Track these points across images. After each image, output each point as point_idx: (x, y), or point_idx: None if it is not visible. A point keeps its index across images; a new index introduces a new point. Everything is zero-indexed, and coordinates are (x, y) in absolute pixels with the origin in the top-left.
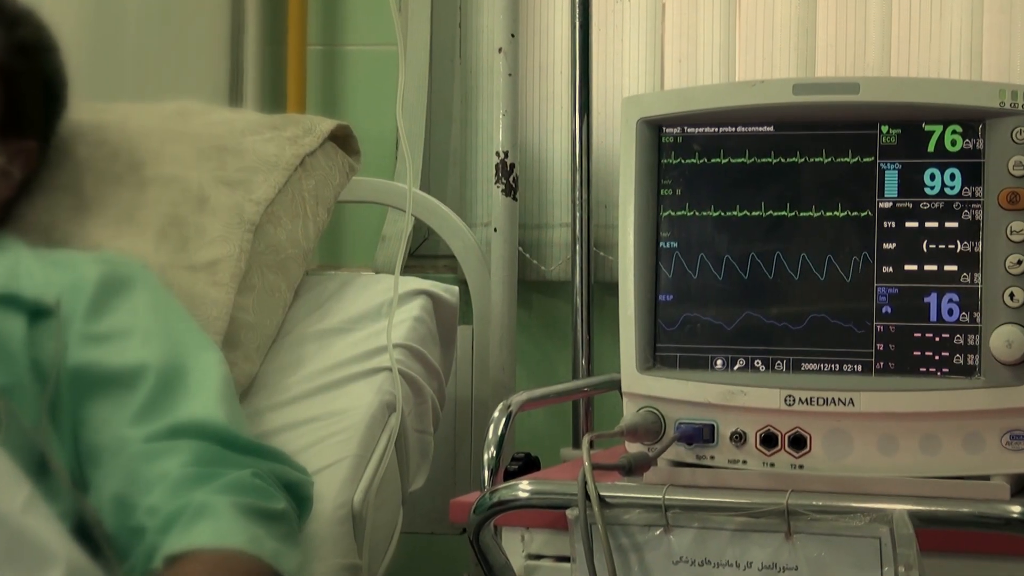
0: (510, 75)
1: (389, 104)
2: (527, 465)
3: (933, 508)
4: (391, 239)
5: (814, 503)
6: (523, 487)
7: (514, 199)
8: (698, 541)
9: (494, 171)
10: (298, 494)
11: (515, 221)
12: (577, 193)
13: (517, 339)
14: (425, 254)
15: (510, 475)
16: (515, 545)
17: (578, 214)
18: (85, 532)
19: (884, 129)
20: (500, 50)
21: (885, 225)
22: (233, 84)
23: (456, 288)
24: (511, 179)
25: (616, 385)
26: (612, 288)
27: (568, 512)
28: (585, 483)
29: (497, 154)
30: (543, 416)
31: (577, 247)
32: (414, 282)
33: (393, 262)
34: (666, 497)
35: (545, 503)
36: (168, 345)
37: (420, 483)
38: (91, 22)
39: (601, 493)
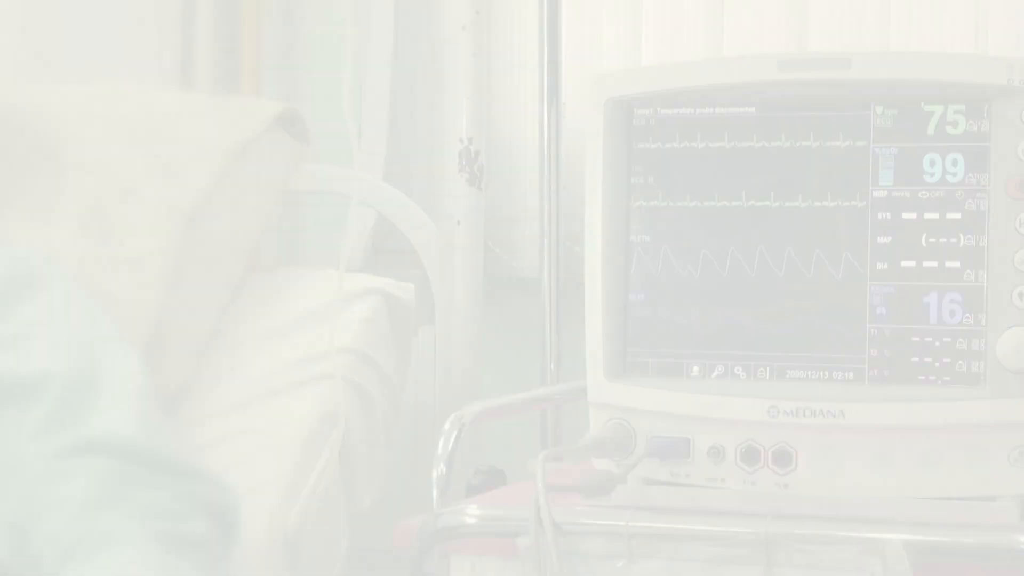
0: (474, 55)
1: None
2: (491, 479)
3: (932, 538)
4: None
5: (797, 531)
6: (470, 512)
7: (479, 189)
8: (666, 574)
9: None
10: (224, 518)
11: (481, 213)
12: (545, 182)
13: (488, 341)
14: (392, 249)
15: (473, 489)
16: (464, 574)
17: (546, 205)
18: None
19: (879, 110)
20: (464, 28)
21: (880, 216)
22: (184, 65)
23: (412, 286)
24: (475, 167)
25: (585, 393)
26: None
27: (519, 541)
28: (539, 508)
29: (461, 140)
30: (515, 422)
31: (546, 241)
32: (365, 280)
33: (355, 257)
34: (630, 524)
35: (494, 530)
36: (78, 350)
37: (369, 500)
38: None
39: (557, 519)
